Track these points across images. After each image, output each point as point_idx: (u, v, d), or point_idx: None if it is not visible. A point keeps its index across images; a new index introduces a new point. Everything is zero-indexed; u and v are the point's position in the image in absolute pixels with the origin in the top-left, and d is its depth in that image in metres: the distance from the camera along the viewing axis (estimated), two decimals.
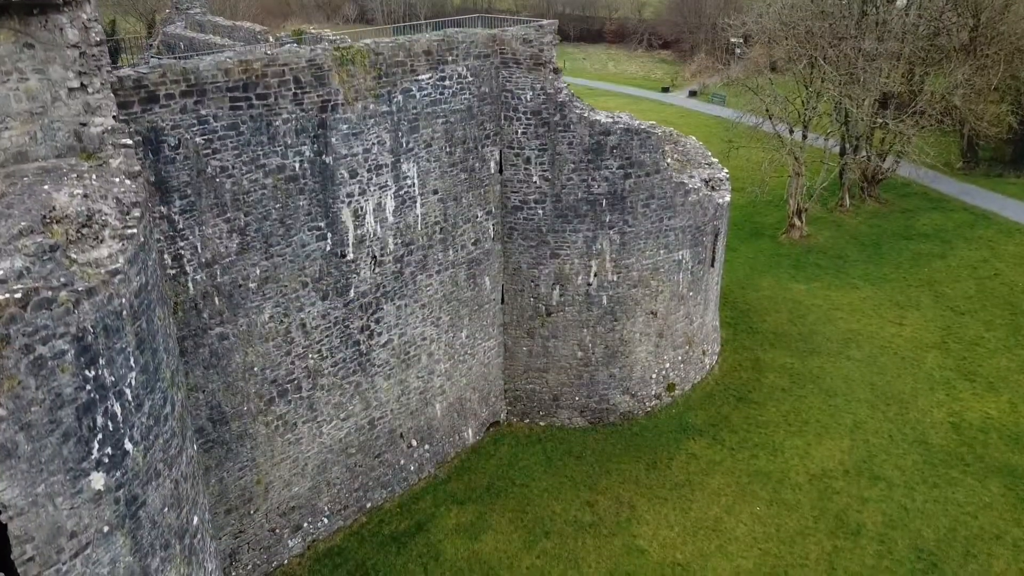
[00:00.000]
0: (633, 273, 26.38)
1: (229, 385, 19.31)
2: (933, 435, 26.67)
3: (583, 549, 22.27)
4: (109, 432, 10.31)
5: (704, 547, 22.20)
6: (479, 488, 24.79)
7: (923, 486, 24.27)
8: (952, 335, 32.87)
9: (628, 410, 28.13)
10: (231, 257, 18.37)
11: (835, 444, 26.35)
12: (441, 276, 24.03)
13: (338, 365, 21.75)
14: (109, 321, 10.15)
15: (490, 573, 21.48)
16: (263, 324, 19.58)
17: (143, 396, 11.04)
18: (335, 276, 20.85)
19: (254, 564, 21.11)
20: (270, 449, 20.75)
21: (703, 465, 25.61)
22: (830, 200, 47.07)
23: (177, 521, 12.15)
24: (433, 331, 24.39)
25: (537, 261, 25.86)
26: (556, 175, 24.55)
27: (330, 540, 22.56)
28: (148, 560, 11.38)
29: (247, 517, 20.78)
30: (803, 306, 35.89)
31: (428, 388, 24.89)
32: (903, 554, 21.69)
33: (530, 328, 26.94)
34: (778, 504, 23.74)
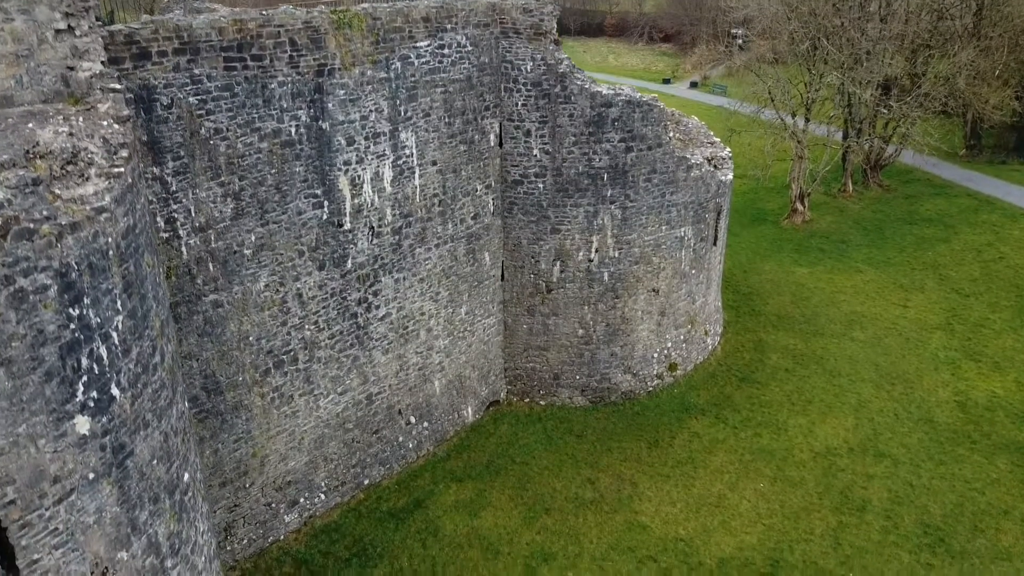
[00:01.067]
0: (635, 249, 26.03)
1: (224, 354, 18.97)
2: (939, 413, 26.32)
3: (584, 525, 21.92)
4: (95, 375, 9.96)
5: (707, 523, 21.85)
6: (478, 466, 24.45)
7: (929, 463, 23.92)
8: (957, 317, 32.52)
9: (629, 389, 27.78)
10: (225, 222, 18.03)
11: (839, 423, 26.00)
12: (440, 250, 23.68)
13: (335, 338, 21.41)
14: (94, 259, 9.80)
15: (490, 548, 21.14)
16: (258, 293, 19.24)
17: (131, 341, 10.69)
18: (332, 246, 20.50)
19: (249, 539, 20.77)
20: (266, 421, 20.41)
21: (705, 443, 25.27)
22: (833, 186, 46.71)
23: (167, 475, 11.80)
24: (432, 306, 24.05)
25: (537, 237, 25.51)
26: (557, 148, 24.20)
27: (327, 516, 22.22)
28: (136, 512, 11.03)
29: (242, 491, 20.43)
30: (806, 289, 35.53)
31: (427, 364, 24.54)
32: (910, 529, 21.34)
33: (530, 305, 26.60)
34: (782, 481, 23.40)
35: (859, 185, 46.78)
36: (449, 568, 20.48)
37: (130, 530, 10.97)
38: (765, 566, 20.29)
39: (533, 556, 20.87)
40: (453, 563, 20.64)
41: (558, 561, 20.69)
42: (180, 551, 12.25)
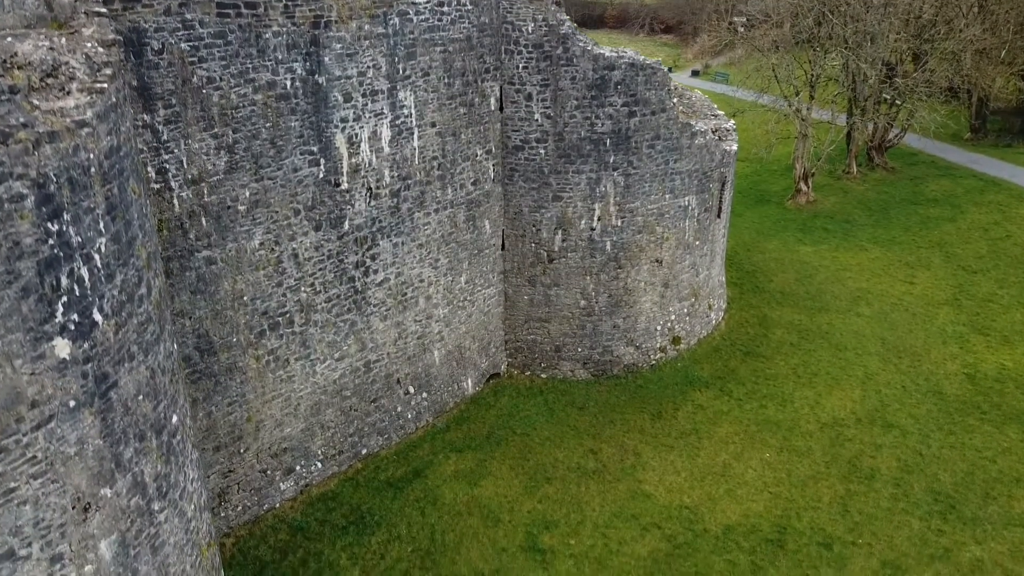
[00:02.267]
0: (638, 218, 25.55)
1: (217, 313, 18.50)
2: (947, 386, 25.84)
3: (586, 494, 21.45)
4: (75, 297, 9.48)
5: (712, 491, 21.38)
6: (479, 437, 23.98)
7: (938, 433, 23.44)
8: (964, 292, 32.04)
9: (632, 362, 27.30)
10: (219, 176, 17.55)
11: (846, 395, 25.52)
12: (439, 216, 23.21)
13: (332, 301, 20.93)
14: (75, 174, 9.33)
15: (490, 516, 20.66)
16: (253, 251, 18.77)
17: (114, 267, 10.21)
18: (328, 206, 20.03)
19: (244, 506, 20.30)
20: (261, 385, 19.94)
21: (710, 415, 24.79)
22: (837, 168, 46.21)
23: (154, 413, 11.32)
24: (431, 273, 23.57)
25: (539, 204, 25.03)
26: (558, 112, 23.72)
27: (324, 485, 21.74)
28: (120, 448, 10.56)
29: (237, 456, 19.96)
30: (810, 267, 35.06)
31: (426, 333, 24.07)
32: (920, 497, 20.86)
33: (531, 275, 26.12)
34: (788, 451, 22.92)
35: (863, 167, 46.27)
36: (448, 535, 20.01)
37: (114, 466, 10.49)
38: (772, 533, 19.81)
39: (534, 524, 20.40)
40: (452, 530, 20.17)
41: (560, 529, 20.22)
42: (168, 495, 11.78)
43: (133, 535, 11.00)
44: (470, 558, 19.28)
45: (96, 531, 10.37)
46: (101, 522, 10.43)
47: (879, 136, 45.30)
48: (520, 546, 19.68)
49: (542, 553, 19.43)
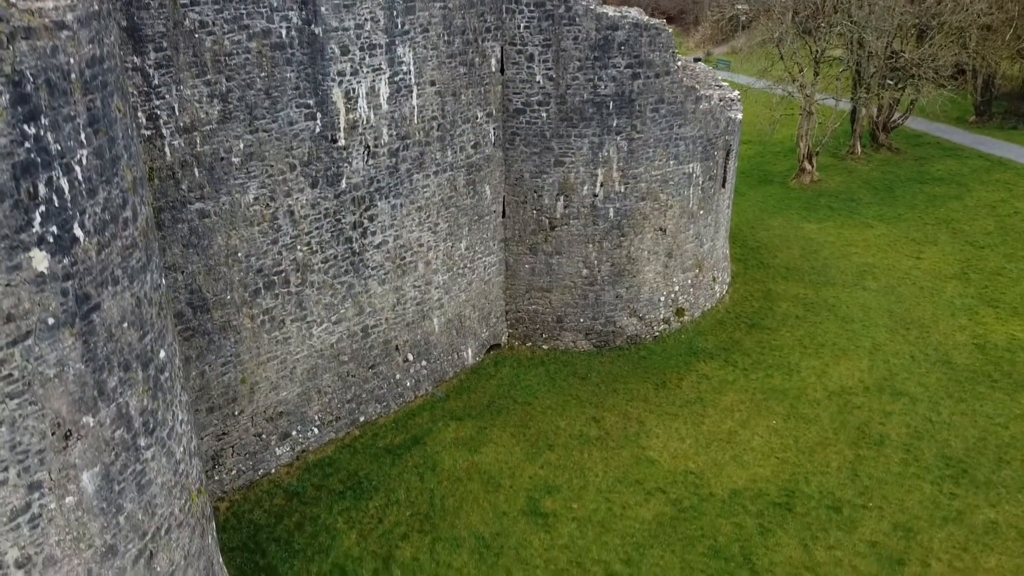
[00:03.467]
0: (641, 184, 25.06)
1: (211, 269, 18.01)
2: (957, 356, 25.34)
3: (589, 460, 20.97)
4: (54, 208, 9.00)
5: (718, 457, 20.89)
6: (479, 406, 23.49)
7: (948, 400, 22.95)
8: (972, 267, 31.54)
9: (635, 333, 26.81)
10: (212, 125, 17.06)
11: (853, 364, 25.03)
12: (439, 178, 22.71)
13: (329, 262, 20.44)
14: (53, 77, 8.84)
15: (491, 482, 20.18)
16: (247, 206, 18.28)
17: (97, 183, 9.73)
18: (325, 162, 19.54)
19: (239, 470, 19.82)
20: (255, 346, 19.45)
21: (715, 384, 24.30)
22: (841, 148, 45.70)
23: (140, 344, 10.83)
24: (430, 238, 23.07)
25: (540, 170, 24.54)
26: (560, 74, 23.22)
27: (320, 451, 21.26)
28: (104, 376, 10.07)
29: (231, 418, 19.48)
30: (815, 243, 34.56)
31: (425, 300, 23.57)
32: (930, 462, 20.37)
33: (533, 244, 25.62)
34: (795, 418, 22.43)
35: (867, 148, 45.77)
36: (448, 500, 19.52)
37: (97, 394, 10.01)
38: (780, 497, 19.33)
39: (536, 489, 19.92)
40: (452, 495, 19.68)
41: (562, 493, 19.74)
42: (155, 432, 11.30)
43: (118, 469, 10.52)
44: (470, 522, 18.80)
45: (78, 461, 9.89)
46: (83, 452, 9.95)
47: (884, 116, 44.78)
48: (521, 510, 19.20)
49: (544, 517, 18.95)
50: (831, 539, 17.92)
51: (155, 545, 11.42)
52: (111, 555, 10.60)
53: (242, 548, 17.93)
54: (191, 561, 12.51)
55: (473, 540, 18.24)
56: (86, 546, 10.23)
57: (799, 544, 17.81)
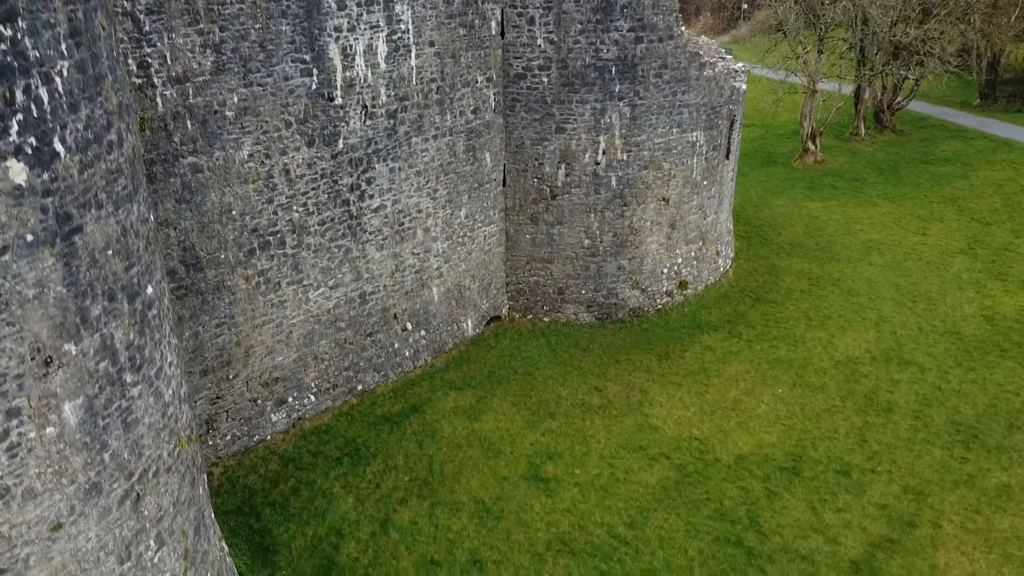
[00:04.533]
0: (644, 152, 24.62)
1: (204, 226, 17.59)
2: (965, 327, 24.91)
3: (591, 427, 20.54)
4: (33, 118, 8.58)
5: (723, 424, 20.47)
6: (479, 376, 23.07)
7: (957, 369, 22.53)
8: (979, 242, 31.11)
9: (638, 306, 26.38)
10: (205, 76, 16.63)
11: (860, 335, 24.60)
12: (438, 143, 22.28)
13: (325, 224, 20.02)
14: None
15: (491, 448, 19.76)
16: (242, 162, 17.85)
17: (79, 98, 9.30)
18: (322, 121, 19.11)
19: (233, 435, 19.40)
20: (251, 308, 19.03)
21: (719, 355, 23.88)
22: (844, 130, 45.28)
23: (126, 275, 10.40)
24: (429, 204, 22.64)
25: (541, 137, 24.11)
26: (562, 37, 22.78)
27: (317, 419, 20.84)
28: (87, 303, 9.65)
29: (225, 382, 19.06)
30: (819, 220, 34.13)
31: (424, 268, 23.15)
32: (940, 428, 19.95)
33: (533, 213, 25.19)
34: (801, 387, 22.01)
35: (871, 130, 45.34)
36: (447, 466, 19.10)
37: (79, 321, 9.59)
38: (786, 461, 18.91)
39: (537, 455, 19.50)
40: (451, 461, 19.26)
41: (564, 459, 19.32)
42: (142, 370, 10.87)
43: (102, 404, 10.10)
44: (470, 487, 18.38)
45: (59, 390, 9.47)
46: (65, 381, 9.52)
47: (887, 97, 44.33)
48: (522, 475, 18.78)
49: (545, 482, 18.53)
50: (839, 502, 17.49)
51: (142, 487, 11.00)
52: (95, 493, 10.18)
53: (236, 512, 17.51)
54: (180, 509, 12.09)
55: (473, 504, 17.82)
56: (68, 481, 9.81)
57: (807, 507, 17.38)
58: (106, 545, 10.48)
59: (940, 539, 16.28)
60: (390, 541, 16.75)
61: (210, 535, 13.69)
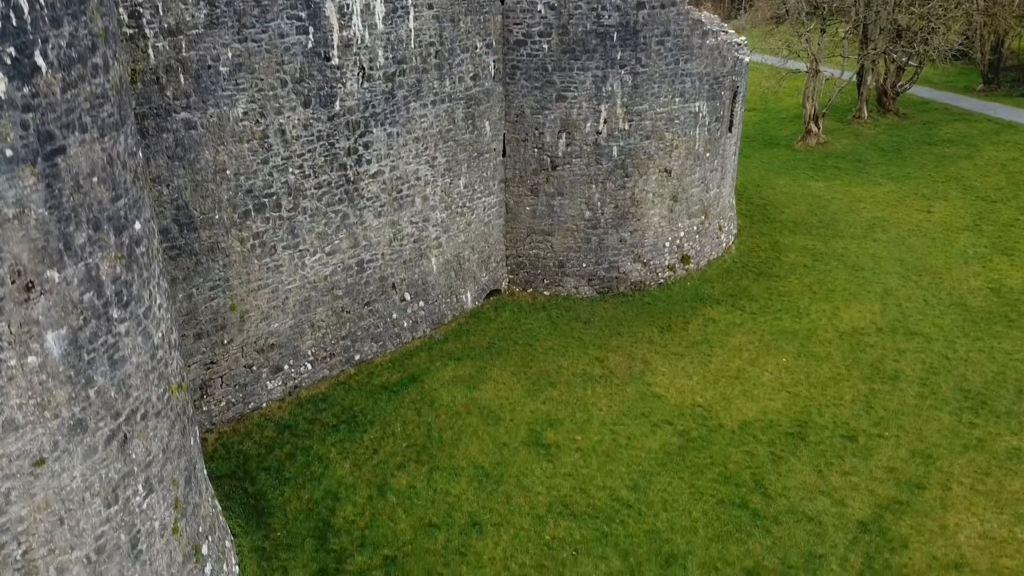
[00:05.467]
0: (646, 122, 24.26)
1: (198, 185, 17.22)
2: (971, 299, 24.56)
3: (593, 396, 20.19)
4: (12, 27, 8.24)
5: (727, 392, 20.12)
6: (478, 347, 22.71)
7: (964, 339, 22.17)
8: (985, 219, 30.76)
9: (639, 280, 26.02)
10: (198, 29, 16.27)
11: (865, 308, 24.25)
12: (436, 109, 21.91)
13: (322, 188, 19.66)
14: None
15: (490, 416, 19.40)
16: (236, 120, 17.49)
17: (61, 13, 8.95)
18: (318, 81, 18.75)
19: (228, 402, 19.04)
20: (245, 271, 18.67)
21: (722, 327, 23.52)
22: (847, 113, 44.93)
23: (112, 207, 10.05)
24: (428, 171, 22.28)
25: (542, 105, 23.74)
26: (563, 2, 22.41)
27: (314, 388, 20.48)
28: (71, 229, 9.30)
29: (220, 347, 18.70)
30: (823, 199, 33.77)
31: (423, 238, 22.79)
32: (948, 395, 19.60)
33: (534, 184, 24.83)
34: (806, 356, 21.66)
35: (874, 113, 44.99)
36: (446, 432, 18.75)
37: (62, 247, 9.24)
38: (792, 427, 18.56)
39: (538, 422, 19.15)
40: (450, 428, 18.91)
41: (565, 426, 18.96)
42: (130, 307, 10.52)
43: (87, 337, 9.75)
44: (469, 452, 18.03)
45: (42, 318, 9.13)
46: (48, 309, 9.18)
47: (890, 79, 43.98)
48: (523, 442, 18.42)
49: (546, 448, 18.17)
50: (846, 466, 17.14)
51: (130, 429, 10.66)
52: (80, 430, 9.84)
53: (230, 476, 17.16)
54: (170, 456, 11.74)
55: (472, 469, 17.47)
56: (51, 415, 9.46)
57: (813, 470, 17.03)
58: (92, 486, 10.14)
59: (950, 501, 15.93)
60: (387, 504, 16.40)
61: (202, 489, 13.35)
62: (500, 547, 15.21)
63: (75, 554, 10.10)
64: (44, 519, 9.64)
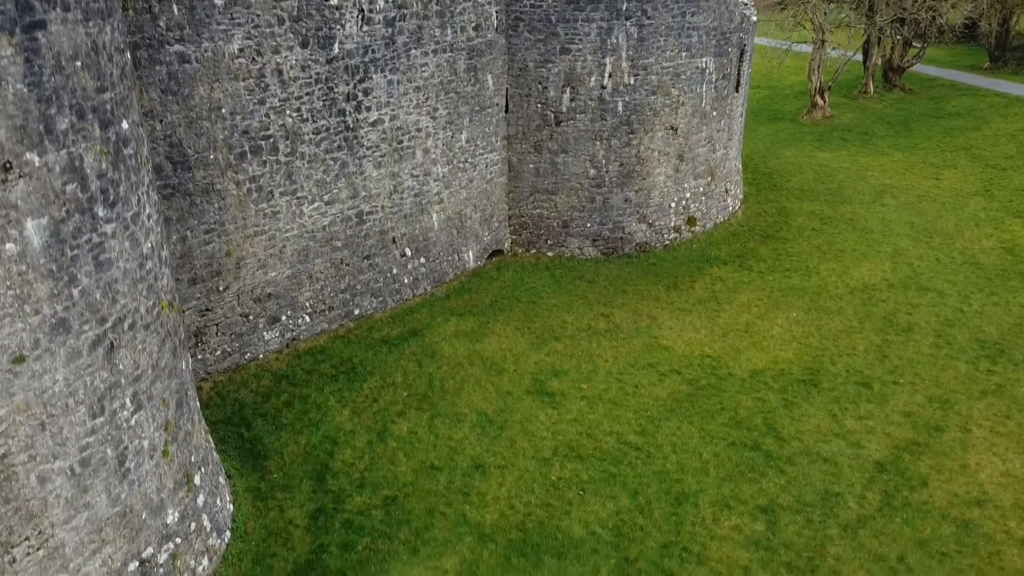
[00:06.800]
0: (652, 77, 23.73)
1: (192, 122, 16.69)
2: (984, 258, 24.04)
3: (598, 348, 19.67)
4: None
5: (736, 344, 19.60)
6: (481, 304, 22.19)
7: (979, 294, 21.65)
8: (995, 185, 30.24)
9: (644, 241, 25.49)
10: None
11: (875, 266, 23.72)
12: (438, 58, 21.38)
13: (320, 134, 19.13)
14: None
15: (493, 367, 18.88)
16: (232, 57, 16.96)
17: None
18: (316, 20, 18.21)
19: (224, 351, 18.51)
20: (242, 216, 18.14)
21: (730, 285, 23.00)
22: (853, 89, 44.42)
23: (97, 97, 9.52)
24: (429, 123, 21.75)
25: (545, 59, 23.21)
26: None
27: (312, 341, 19.96)
28: (52, 111, 8.78)
29: (215, 294, 18.17)
30: (829, 168, 33.25)
31: (424, 192, 22.26)
32: (964, 345, 19.08)
33: (537, 141, 24.30)
34: (817, 310, 21.13)
35: (880, 88, 44.47)
36: (448, 382, 18.22)
37: (43, 130, 8.73)
38: (804, 375, 18.03)
39: (542, 372, 18.63)
40: (452, 378, 18.39)
41: (570, 376, 18.44)
42: (116, 208, 10.00)
43: (70, 231, 9.24)
44: (472, 400, 17.51)
45: (21, 203, 8.62)
46: (27, 194, 8.66)
47: (897, 54, 43.45)
48: (527, 390, 17.90)
49: (551, 396, 17.65)
50: (861, 411, 16.62)
51: (116, 337, 10.13)
52: (63, 330, 9.32)
53: (226, 422, 16.64)
54: (160, 375, 11.21)
55: (475, 416, 16.95)
56: (32, 310, 8.94)
57: (827, 415, 16.50)
58: (76, 392, 9.62)
59: (970, 442, 15.40)
60: (387, 449, 15.88)
61: (194, 419, 12.83)
62: (504, 488, 14.68)
63: (58, 464, 9.59)
64: (24, 422, 9.13)
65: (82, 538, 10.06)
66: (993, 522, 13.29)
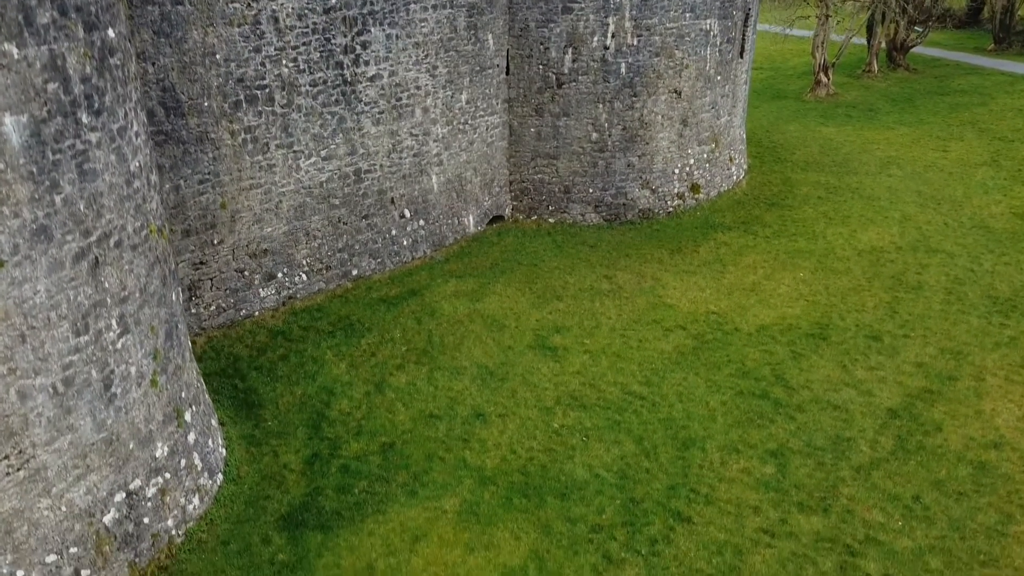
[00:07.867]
0: (655, 38, 23.31)
1: (185, 67, 16.28)
2: (994, 223, 23.63)
3: (602, 307, 19.25)
4: None
5: (742, 302, 19.18)
6: (481, 267, 21.77)
7: (989, 255, 21.24)
8: (1002, 155, 29.83)
9: (648, 207, 25.07)
10: None
11: (883, 231, 23.31)
12: (438, 14, 20.97)
13: (318, 87, 18.71)
14: None
15: (494, 324, 18.46)
16: (227, 0, 16.55)
17: None
18: None
19: (219, 306, 18.09)
20: (236, 168, 17.73)
21: (735, 249, 22.58)
22: (856, 68, 44.01)
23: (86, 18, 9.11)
24: (428, 81, 21.33)
25: (547, 18, 22.80)
26: None
27: (309, 300, 19.55)
28: (32, 2, 8.36)
29: (209, 247, 17.76)
30: (834, 142, 32.84)
31: (423, 152, 21.84)
32: (975, 301, 18.66)
33: (538, 104, 23.88)
34: (824, 271, 20.72)
35: (884, 68, 44.07)
36: (448, 338, 17.81)
37: (23, 21, 8.34)
38: (813, 329, 17.63)
39: (544, 328, 18.21)
40: (452, 334, 17.97)
41: (572, 332, 18.02)
42: (101, 116, 9.58)
43: (52, 134, 8.82)
44: (472, 354, 17.09)
45: None
46: (5, 88, 8.25)
47: (901, 35, 43.03)
48: (528, 345, 17.49)
49: (553, 350, 17.24)
50: (872, 361, 16.20)
51: (102, 253, 9.72)
52: (44, 238, 8.90)
53: (220, 374, 16.23)
54: (148, 300, 10.79)
55: (475, 368, 16.53)
56: (11, 213, 8.53)
57: (837, 365, 16.09)
58: (58, 306, 9.20)
59: (984, 390, 14.98)
60: (385, 399, 15.46)
61: (185, 355, 12.41)
62: (506, 435, 14.26)
63: (39, 380, 9.17)
64: (4, 332, 8.71)
65: (65, 462, 9.64)
66: (1011, 463, 12.88)
